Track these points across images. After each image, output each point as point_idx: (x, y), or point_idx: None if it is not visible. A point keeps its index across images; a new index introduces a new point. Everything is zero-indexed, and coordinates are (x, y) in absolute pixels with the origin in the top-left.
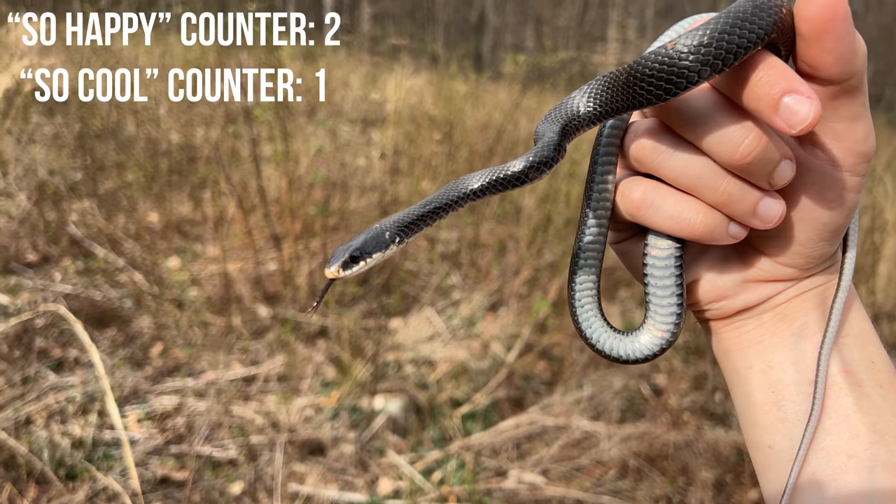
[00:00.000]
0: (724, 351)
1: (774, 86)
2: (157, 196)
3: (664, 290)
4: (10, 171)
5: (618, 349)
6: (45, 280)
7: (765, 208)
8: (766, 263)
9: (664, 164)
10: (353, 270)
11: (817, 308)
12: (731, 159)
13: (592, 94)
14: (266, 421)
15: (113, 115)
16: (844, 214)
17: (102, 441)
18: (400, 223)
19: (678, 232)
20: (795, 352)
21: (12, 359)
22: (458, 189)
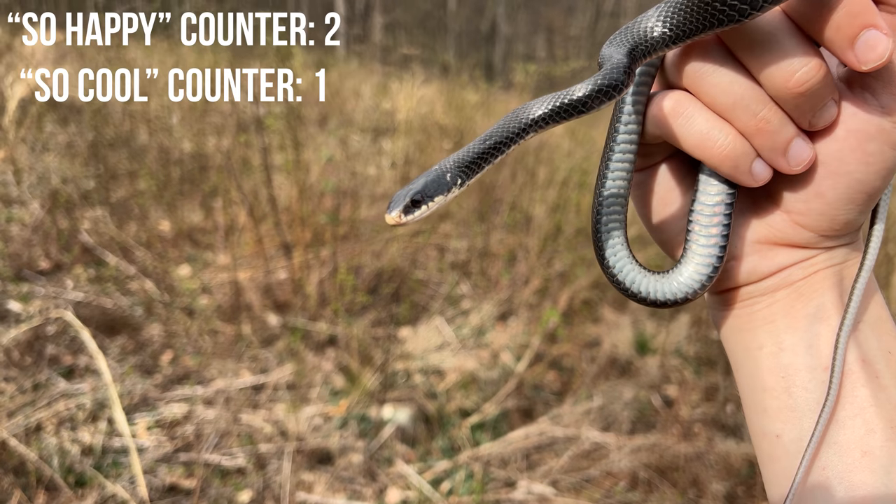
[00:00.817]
0: (733, 329)
1: (857, 17)
2: (168, 204)
3: (707, 238)
4: (24, 180)
5: (654, 290)
6: (57, 287)
7: (798, 148)
8: (785, 224)
9: (706, 78)
10: (414, 215)
11: (835, 288)
12: (783, 86)
13: (665, 14)
14: (275, 429)
15: (126, 124)
16: (882, 175)
17: (112, 448)
18: (461, 162)
19: (702, 152)
20: (809, 334)
21: (24, 365)
22: (518, 119)
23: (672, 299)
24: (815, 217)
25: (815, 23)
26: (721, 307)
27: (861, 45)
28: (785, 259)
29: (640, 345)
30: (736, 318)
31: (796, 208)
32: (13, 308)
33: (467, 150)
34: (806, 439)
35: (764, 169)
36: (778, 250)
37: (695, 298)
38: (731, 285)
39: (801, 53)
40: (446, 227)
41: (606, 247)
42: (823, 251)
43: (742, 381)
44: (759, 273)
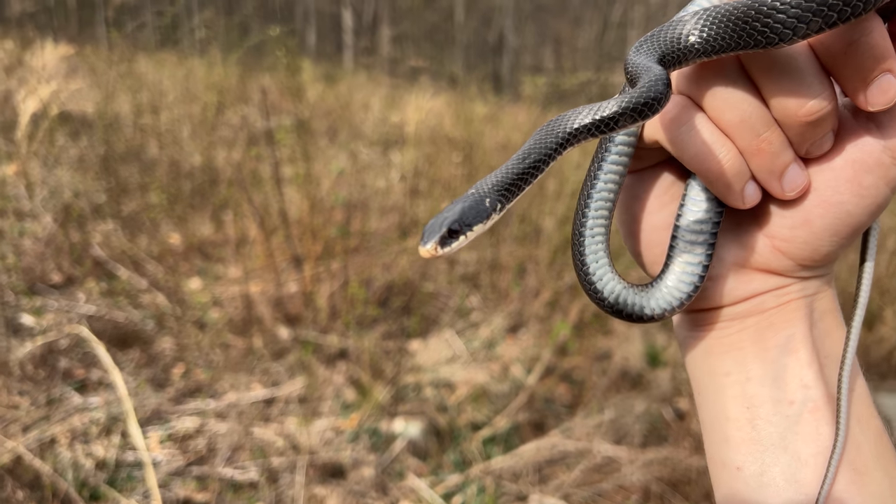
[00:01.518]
0: (700, 351)
1: (879, 61)
2: (179, 218)
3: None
4: (37, 193)
5: (632, 303)
6: (69, 301)
7: (794, 173)
8: (766, 249)
9: (718, 93)
10: (452, 247)
11: (805, 320)
12: (794, 113)
13: (703, 24)
14: (286, 443)
15: (136, 138)
16: (871, 211)
17: (125, 462)
18: (499, 185)
19: (699, 164)
20: (777, 366)
21: (37, 379)
22: (555, 133)
23: (650, 314)
24: (798, 245)
25: (837, 59)
26: (690, 328)
27: (874, 88)
28: (760, 285)
29: (651, 357)
30: (704, 340)
31: (781, 234)
32: (26, 322)
33: (505, 171)
34: (767, 474)
35: (755, 192)
36: (755, 275)
37: (672, 315)
38: (704, 306)
39: (817, 84)
40: None
41: (588, 252)
42: (798, 281)
43: (704, 407)
44: (734, 297)
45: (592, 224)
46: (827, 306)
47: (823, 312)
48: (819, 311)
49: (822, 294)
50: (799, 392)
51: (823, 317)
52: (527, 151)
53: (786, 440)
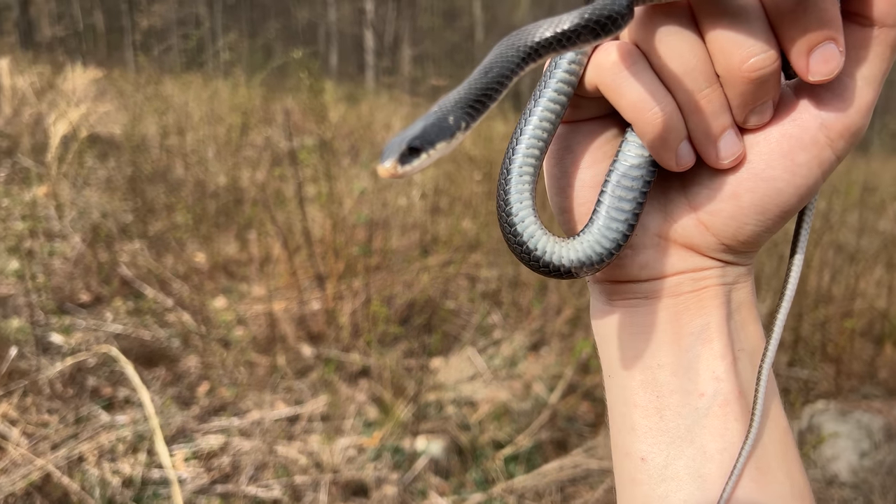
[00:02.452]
0: (612, 327)
1: (824, 26)
2: (204, 237)
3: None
4: (66, 214)
5: (551, 251)
6: (97, 320)
7: (730, 139)
8: (691, 222)
9: (665, 39)
10: (413, 165)
11: (721, 309)
12: (737, 66)
13: None
14: (310, 461)
15: (163, 159)
16: (801, 193)
17: (151, 480)
18: (464, 101)
19: (636, 114)
20: (690, 355)
21: (66, 398)
22: (516, 47)
23: (567, 266)
24: (723, 220)
25: (785, 17)
26: (604, 299)
27: (817, 55)
28: (679, 263)
29: None
30: (617, 315)
31: (707, 206)
32: (55, 341)
33: (468, 87)
34: (671, 467)
35: (689, 153)
36: (675, 250)
37: (590, 271)
38: (620, 277)
39: (763, 40)
40: (476, 257)
41: (513, 191)
42: (718, 266)
43: (612, 391)
44: (651, 270)
45: (522, 162)
46: (744, 298)
47: (741, 304)
48: (736, 301)
49: (740, 284)
50: (710, 384)
51: (740, 308)
52: (488, 66)
53: (693, 433)
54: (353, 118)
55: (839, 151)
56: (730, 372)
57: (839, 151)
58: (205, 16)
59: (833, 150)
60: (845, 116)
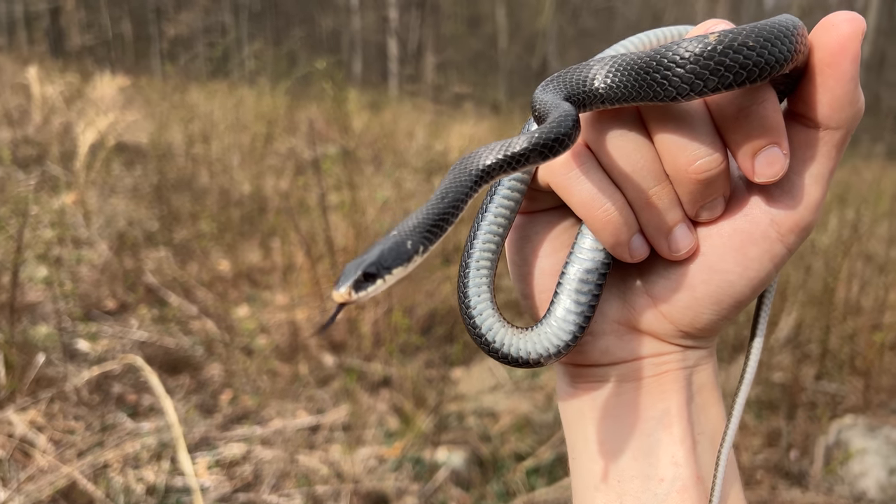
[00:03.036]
0: (576, 410)
1: (767, 131)
2: (228, 245)
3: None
4: (94, 222)
5: (509, 343)
6: (122, 327)
7: (681, 233)
8: (649, 310)
9: (611, 140)
10: (367, 291)
11: (681, 393)
12: (684, 168)
13: (609, 71)
14: (331, 471)
15: (188, 167)
16: (753, 286)
17: (174, 488)
18: (421, 226)
19: (586, 212)
20: (651, 440)
21: (92, 405)
22: (468, 172)
23: (524, 358)
24: (680, 309)
25: (729, 123)
26: (569, 381)
27: (762, 159)
28: (640, 348)
29: None
30: (580, 399)
31: (664, 296)
32: (82, 348)
33: (426, 212)
34: None
35: (642, 245)
36: (635, 336)
37: (548, 363)
38: (582, 361)
39: (708, 143)
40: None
41: (471, 284)
42: (678, 350)
43: (576, 472)
44: (612, 356)
45: (479, 257)
46: (706, 380)
47: (702, 386)
48: (698, 384)
49: (702, 367)
50: (669, 470)
51: (701, 391)
52: (444, 191)
53: None
54: (376, 126)
55: (790, 245)
56: (688, 457)
57: (790, 245)
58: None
59: (784, 245)
60: (795, 213)
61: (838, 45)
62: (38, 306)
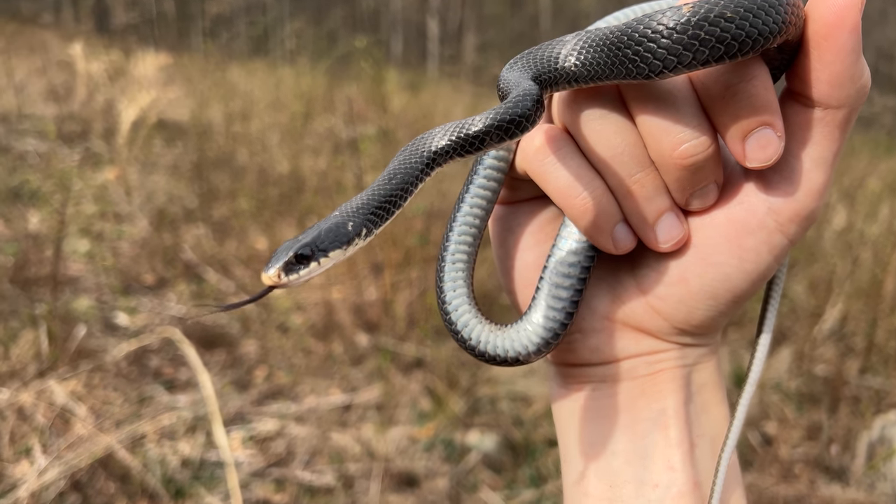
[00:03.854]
0: (568, 412)
1: (758, 111)
2: (266, 224)
3: (555, 299)
4: (135, 197)
5: (485, 341)
6: (161, 302)
7: (668, 223)
8: (640, 305)
9: (590, 123)
10: (299, 274)
11: (679, 392)
12: (669, 153)
13: (580, 47)
14: (363, 449)
15: (228, 145)
16: (752, 279)
17: (209, 461)
18: (366, 208)
19: (563, 200)
20: (646, 442)
21: (131, 377)
22: (420, 153)
23: (502, 356)
24: (673, 304)
25: (717, 103)
26: (561, 382)
27: (752, 142)
28: (632, 346)
29: (738, 377)
30: (572, 400)
31: (656, 290)
32: (121, 321)
33: (371, 193)
34: None
35: (627, 236)
36: (627, 333)
37: (528, 361)
38: (572, 360)
39: (694, 126)
40: None
41: (447, 279)
42: (675, 348)
43: (567, 474)
44: (603, 355)
45: (454, 250)
46: (707, 379)
47: (702, 385)
48: (697, 383)
49: (702, 365)
50: (664, 475)
51: (701, 390)
52: (392, 172)
53: None
54: (414, 107)
55: (791, 236)
56: (685, 461)
57: (791, 236)
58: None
59: (784, 235)
60: (794, 200)
61: (835, 15)
62: (80, 279)
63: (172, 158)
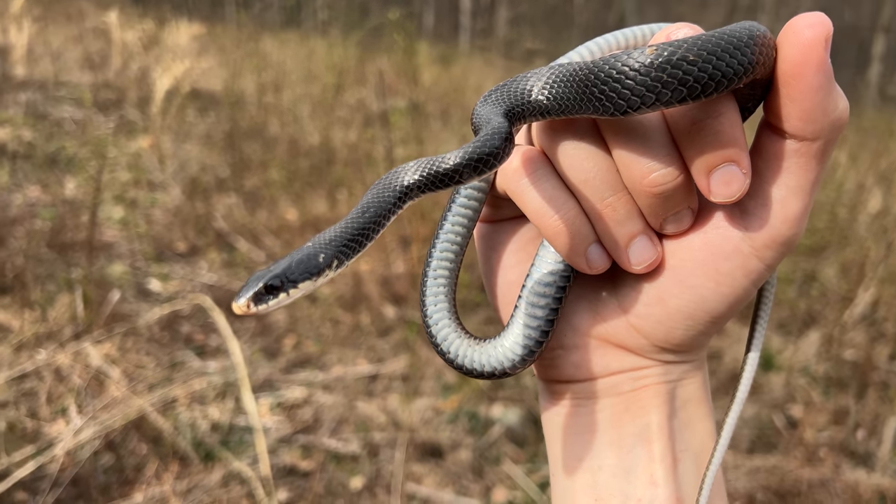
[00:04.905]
0: (555, 427)
1: (722, 146)
2: (296, 194)
3: (530, 317)
4: (168, 166)
5: (463, 354)
6: (192, 269)
7: (641, 245)
8: (620, 323)
9: (564, 147)
10: (268, 304)
11: (663, 407)
12: (638, 181)
13: (547, 82)
14: (388, 419)
15: (260, 116)
16: (729, 303)
17: (238, 426)
18: (338, 240)
19: (538, 220)
20: (631, 457)
21: (163, 342)
22: (392, 188)
23: (479, 370)
24: (652, 324)
25: (684, 137)
26: (547, 397)
27: (717, 177)
28: (615, 363)
29: (766, 360)
30: (560, 415)
31: (635, 310)
32: (154, 287)
33: (345, 226)
34: None
35: (600, 257)
36: (609, 350)
37: (503, 376)
38: (556, 376)
39: (663, 156)
40: None
41: (429, 293)
42: (658, 364)
43: (555, 489)
44: (586, 371)
45: (436, 266)
46: (692, 394)
47: (687, 401)
48: (682, 398)
49: (687, 380)
50: (647, 490)
51: (686, 405)
52: (366, 206)
53: None
54: (445, 81)
55: (768, 261)
56: (668, 477)
57: (768, 261)
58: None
59: (760, 260)
60: (770, 227)
61: (800, 54)
62: (114, 245)
63: (205, 128)
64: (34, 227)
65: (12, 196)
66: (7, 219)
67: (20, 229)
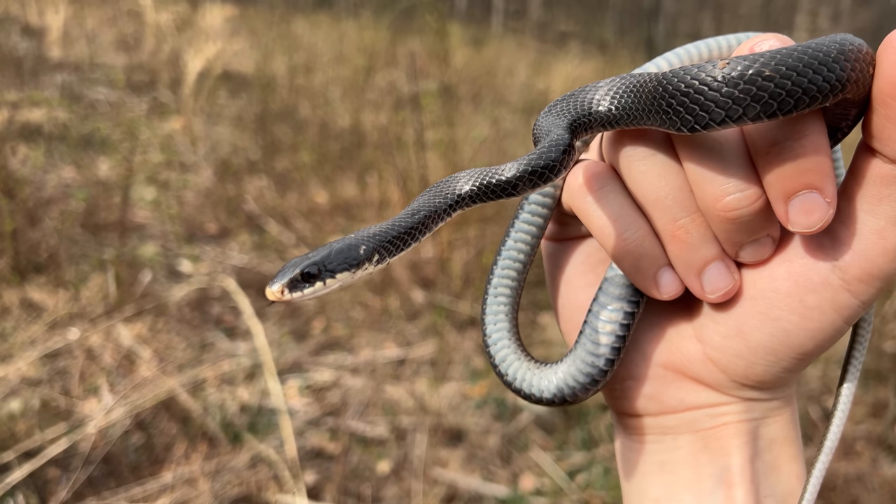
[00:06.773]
0: (630, 464)
1: (805, 174)
2: (326, 177)
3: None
4: (199, 148)
5: (521, 378)
6: (223, 251)
7: (715, 272)
8: (697, 355)
9: (635, 163)
10: (303, 293)
11: (745, 448)
12: (712, 205)
13: (615, 92)
14: (415, 403)
15: (291, 98)
16: (817, 340)
17: (266, 408)
18: (382, 236)
19: (604, 239)
20: (711, 501)
21: (193, 323)
22: (444, 195)
23: (536, 395)
24: (730, 357)
25: (762, 159)
26: (621, 430)
27: (796, 205)
28: (691, 397)
29: None
30: (635, 451)
31: (713, 341)
32: (184, 269)
33: (392, 223)
34: None
35: (672, 281)
36: (684, 383)
37: (563, 404)
38: (628, 410)
39: (740, 177)
40: None
41: (489, 311)
42: (738, 401)
43: None
44: (661, 405)
45: (497, 283)
46: (778, 434)
47: (772, 441)
48: (766, 438)
49: (772, 419)
50: None
51: (771, 447)
52: (417, 208)
53: None
54: (477, 63)
55: (861, 296)
56: None
57: (861, 296)
58: None
59: (853, 295)
60: (864, 259)
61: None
62: (146, 227)
63: (237, 110)
64: (68, 208)
65: (47, 176)
66: (42, 199)
67: (54, 209)
